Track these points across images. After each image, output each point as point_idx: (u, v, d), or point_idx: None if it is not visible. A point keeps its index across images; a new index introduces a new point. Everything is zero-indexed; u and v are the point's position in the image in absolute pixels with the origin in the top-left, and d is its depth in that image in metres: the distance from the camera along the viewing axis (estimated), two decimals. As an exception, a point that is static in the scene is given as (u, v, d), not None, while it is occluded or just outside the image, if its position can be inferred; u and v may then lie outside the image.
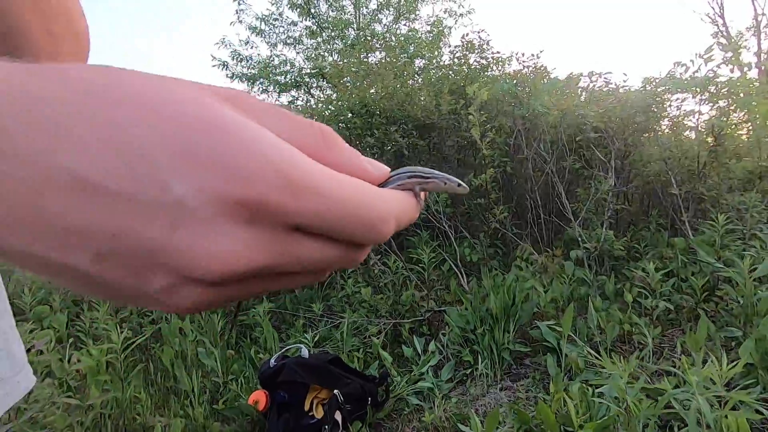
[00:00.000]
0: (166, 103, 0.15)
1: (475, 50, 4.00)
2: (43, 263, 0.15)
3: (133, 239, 0.15)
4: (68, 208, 0.14)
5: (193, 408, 1.70)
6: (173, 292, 0.16)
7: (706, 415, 1.02)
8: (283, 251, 0.17)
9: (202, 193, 0.15)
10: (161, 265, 0.15)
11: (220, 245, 0.15)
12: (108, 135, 0.14)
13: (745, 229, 2.60)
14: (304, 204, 0.16)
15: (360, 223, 0.18)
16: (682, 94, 3.16)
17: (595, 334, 1.98)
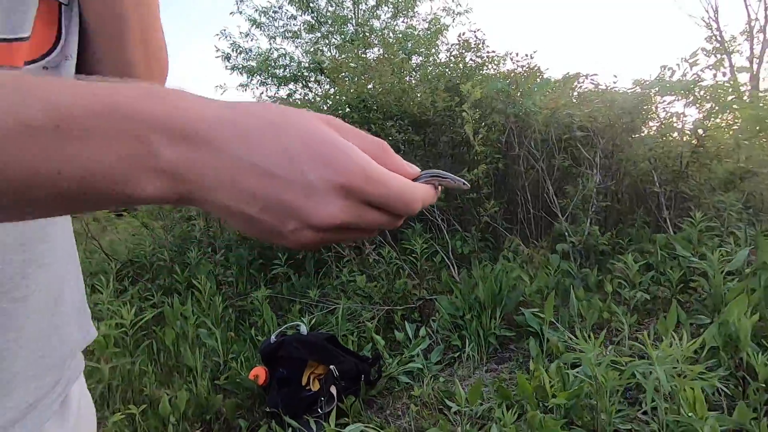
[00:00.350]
0: (302, 127, 0.28)
1: (471, 49, 4.10)
2: (230, 210, 0.27)
3: (284, 200, 0.27)
4: (253, 182, 0.26)
5: (195, 383, 1.80)
6: (298, 232, 0.28)
7: (663, 385, 1.14)
8: (358, 215, 0.28)
9: (322, 179, 0.27)
10: (295, 216, 0.27)
11: (328, 208, 0.27)
12: (276, 145, 0.27)
13: (722, 227, 2.74)
14: (373, 190, 0.28)
15: (402, 203, 0.29)
16: (670, 96, 3.29)
17: (576, 321, 2.10)
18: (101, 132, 0.23)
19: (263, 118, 0.27)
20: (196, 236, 3.88)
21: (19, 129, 0.22)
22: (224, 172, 0.26)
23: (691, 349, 1.24)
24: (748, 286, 1.84)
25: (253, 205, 0.27)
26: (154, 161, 0.25)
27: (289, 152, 0.27)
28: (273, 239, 0.29)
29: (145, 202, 0.26)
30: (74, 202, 0.25)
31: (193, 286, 2.79)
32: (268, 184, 0.26)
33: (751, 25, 9.94)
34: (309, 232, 0.28)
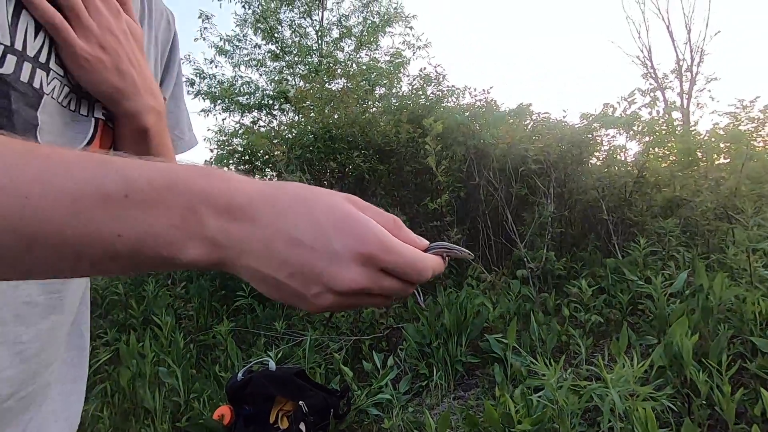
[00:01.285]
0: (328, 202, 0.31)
1: (432, 82, 4.31)
2: (261, 275, 0.30)
3: (310, 267, 0.30)
4: (284, 250, 0.30)
5: (155, 426, 1.71)
6: (320, 296, 0.31)
7: (617, 406, 1.22)
8: (375, 281, 0.32)
9: (346, 248, 0.30)
10: (319, 282, 0.30)
11: (350, 274, 0.30)
12: (306, 217, 0.30)
13: (664, 251, 2.97)
14: (390, 259, 0.31)
15: (415, 270, 0.33)
16: (613, 129, 3.58)
17: (537, 345, 2.19)
18: (160, 202, 0.27)
19: (296, 194, 0.31)
20: (153, 268, 3.72)
21: (97, 196, 0.26)
22: (259, 239, 0.29)
23: (641, 370, 1.34)
24: (688, 307, 2.00)
25: (283, 270, 0.30)
26: (200, 229, 0.28)
27: (317, 224, 0.30)
28: (296, 302, 0.32)
29: (184, 266, 0.29)
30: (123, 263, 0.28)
31: (151, 321, 2.67)
32: (298, 250, 0.30)
33: (680, 65, 11.02)
34: (330, 295, 0.31)
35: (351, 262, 0.30)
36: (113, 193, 0.26)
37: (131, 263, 0.28)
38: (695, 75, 11.25)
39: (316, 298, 0.31)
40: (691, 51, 11.15)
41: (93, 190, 0.25)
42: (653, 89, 3.60)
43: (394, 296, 0.35)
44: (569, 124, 3.55)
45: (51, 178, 0.25)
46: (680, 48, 11.26)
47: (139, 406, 1.98)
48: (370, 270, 0.31)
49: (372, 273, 0.31)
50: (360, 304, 0.34)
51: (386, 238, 0.32)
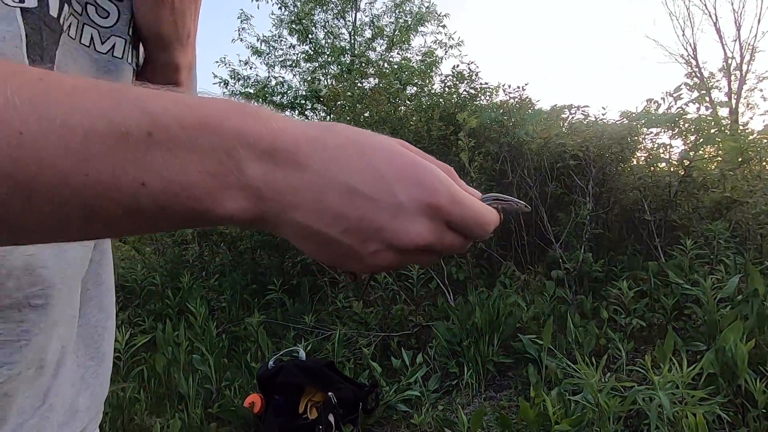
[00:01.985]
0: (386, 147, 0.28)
1: (465, 80, 4.24)
2: (311, 232, 0.26)
3: (370, 221, 0.26)
4: (338, 201, 0.25)
5: (188, 411, 1.75)
6: (378, 254, 0.27)
7: (666, 410, 1.14)
8: (440, 237, 0.28)
9: (412, 200, 0.26)
10: (379, 237, 0.26)
11: (415, 229, 0.26)
12: (363, 163, 0.26)
13: (711, 254, 2.79)
14: (457, 211, 0.28)
15: (479, 227, 0.29)
16: (656, 128, 3.42)
17: (573, 347, 2.10)
18: (191, 144, 0.22)
19: (348, 137, 0.27)
20: (189, 260, 3.84)
21: (112, 133, 0.21)
22: (309, 190, 0.25)
23: (690, 375, 1.25)
24: (741, 312, 1.86)
25: (336, 225, 0.26)
26: (239, 177, 0.24)
27: (378, 170, 0.26)
28: (347, 263, 0.28)
29: (222, 221, 0.25)
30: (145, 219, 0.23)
31: (185, 311, 2.75)
32: (355, 203, 0.26)
33: (728, 62, 10.43)
34: (390, 254, 0.27)
35: (418, 215, 0.26)
36: (133, 129, 0.21)
37: (155, 220, 0.23)
38: (745, 74, 10.64)
39: (374, 256, 0.27)
40: (740, 48, 10.55)
41: (107, 126, 0.20)
42: (699, 85, 3.41)
43: (454, 253, 0.31)
44: (609, 121, 3.41)
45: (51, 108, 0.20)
46: (729, 45, 10.67)
47: (173, 392, 2.03)
48: (437, 223, 0.27)
49: (438, 226, 0.28)
50: (417, 261, 0.31)
51: (455, 188, 0.28)
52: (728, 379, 1.59)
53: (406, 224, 0.26)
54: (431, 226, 0.27)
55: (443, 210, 0.27)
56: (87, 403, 0.44)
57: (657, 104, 3.32)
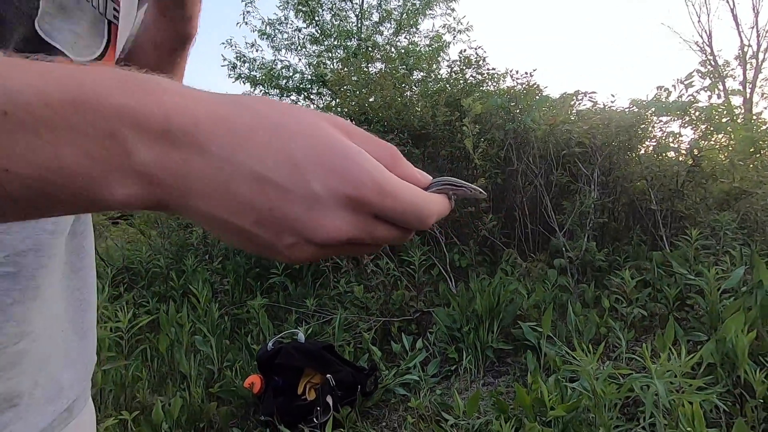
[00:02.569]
0: (308, 130, 0.24)
1: (472, 65, 4.17)
2: (220, 223, 0.24)
3: (282, 213, 0.24)
4: (246, 190, 0.23)
5: (189, 390, 1.78)
6: (295, 247, 0.25)
7: (663, 398, 1.14)
8: (366, 230, 0.25)
9: (330, 190, 0.24)
10: (294, 231, 0.24)
11: (333, 223, 0.24)
12: (276, 148, 0.23)
13: (717, 245, 2.76)
14: (386, 203, 0.25)
15: (415, 218, 0.27)
16: (666, 116, 3.35)
17: (573, 335, 2.10)
18: (62, 125, 0.20)
19: (261, 116, 0.24)
20: (193, 243, 3.87)
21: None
22: (213, 177, 0.22)
23: (689, 364, 1.24)
24: (745, 303, 1.84)
25: (246, 216, 0.23)
26: (126, 161, 0.21)
27: (292, 157, 0.23)
28: (266, 254, 0.26)
29: (115, 207, 0.22)
30: (26, 207, 0.21)
31: (189, 293, 2.77)
32: (265, 192, 0.23)
33: (744, 50, 10.17)
34: (309, 247, 0.25)
35: (337, 208, 0.24)
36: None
37: (40, 206, 0.21)
38: (761, 62, 10.38)
39: (292, 249, 0.25)
40: (758, 36, 10.28)
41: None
42: (712, 73, 3.32)
43: (389, 244, 0.29)
44: (617, 109, 3.35)
45: None
46: (745, 33, 10.40)
47: (175, 371, 2.06)
48: (361, 216, 0.25)
49: (363, 220, 0.25)
50: (345, 253, 0.28)
51: (383, 178, 0.25)
52: (728, 369, 1.58)
53: (322, 218, 0.24)
54: (353, 219, 0.25)
55: (368, 203, 0.24)
56: (72, 380, 0.44)
57: (668, 92, 3.25)
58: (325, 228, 0.24)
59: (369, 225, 0.25)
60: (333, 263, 3.24)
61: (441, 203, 0.29)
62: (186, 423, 1.66)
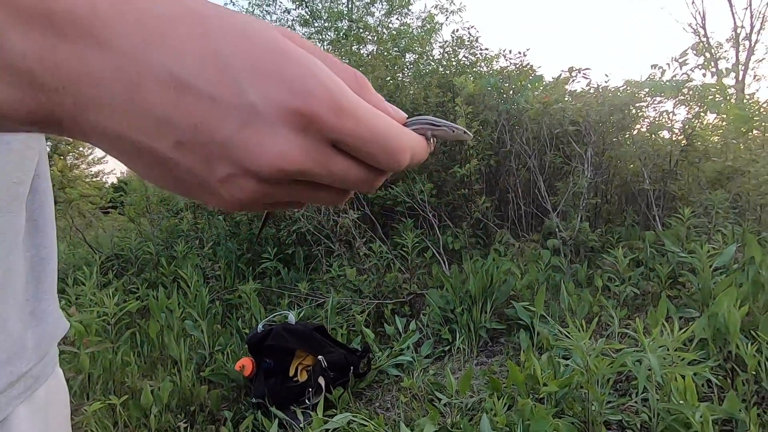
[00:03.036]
0: (247, 28, 0.19)
1: (465, 46, 4.11)
2: (132, 146, 0.19)
3: (210, 131, 0.18)
4: (161, 100, 0.18)
5: (180, 374, 1.76)
6: (232, 182, 0.19)
7: (655, 372, 1.13)
8: (321, 161, 0.20)
9: (270, 101, 0.18)
10: (228, 156, 0.19)
11: (277, 145, 0.19)
12: (201, 45, 0.18)
13: (710, 224, 2.77)
14: (345, 124, 0.20)
15: (383, 150, 0.21)
16: (660, 96, 3.32)
17: (566, 314, 2.10)
18: None
19: (190, 8, 0.18)
20: (183, 230, 3.82)
21: None
22: (116, 80, 0.17)
23: (681, 338, 1.24)
24: (736, 280, 1.85)
25: (163, 136, 0.18)
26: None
27: (221, 57, 0.18)
28: (197, 194, 0.21)
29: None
30: None
31: (179, 279, 2.74)
32: (185, 102, 0.18)
33: (737, 32, 10.13)
34: (248, 181, 0.19)
35: (280, 126, 0.19)
36: None
37: None
38: (754, 44, 10.35)
39: (228, 185, 0.19)
40: (751, 17, 10.23)
41: None
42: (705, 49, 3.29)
43: (354, 189, 0.23)
44: (611, 88, 3.31)
45: None
46: (739, 14, 10.35)
47: (166, 356, 2.04)
48: (313, 140, 0.19)
49: (316, 146, 0.20)
50: (299, 200, 0.23)
51: (344, 94, 0.20)
52: (719, 344, 1.59)
53: (261, 138, 0.18)
54: (303, 143, 0.19)
55: (321, 121, 0.19)
56: (34, 342, 0.41)
57: (662, 71, 3.22)
58: (267, 151, 0.19)
59: (325, 155, 0.20)
60: (326, 247, 3.22)
61: (417, 141, 0.24)
62: (176, 407, 1.64)
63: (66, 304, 2.32)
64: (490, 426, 1.23)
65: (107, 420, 1.50)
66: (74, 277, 2.71)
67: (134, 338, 2.15)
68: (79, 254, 4.06)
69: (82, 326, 1.63)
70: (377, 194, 3.57)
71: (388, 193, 3.51)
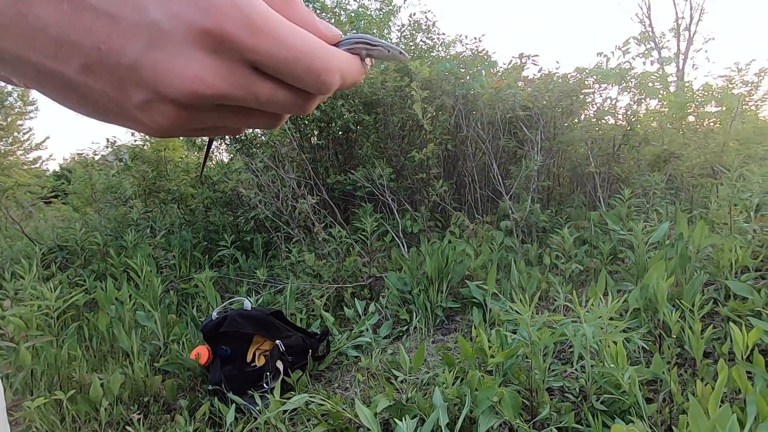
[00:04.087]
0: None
1: (422, 30, 4.12)
2: (35, 69, 0.18)
3: (114, 54, 0.17)
4: (56, 18, 0.17)
5: (132, 366, 1.71)
6: (150, 108, 0.19)
7: (589, 340, 1.22)
8: (241, 84, 0.19)
9: (175, 20, 0.17)
10: (139, 81, 0.18)
11: (189, 68, 0.18)
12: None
13: (648, 204, 2.97)
14: (261, 43, 0.19)
15: (307, 70, 0.20)
16: (605, 83, 3.49)
17: (516, 291, 2.21)
18: None
19: None
20: (133, 218, 3.66)
21: None
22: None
23: (614, 308, 1.34)
24: (667, 255, 2.01)
25: (66, 59, 0.17)
26: None
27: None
28: (119, 121, 0.20)
29: None
30: None
31: (130, 270, 2.64)
32: (84, 21, 0.17)
33: (678, 23, 10.73)
34: (167, 107, 0.19)
35: (190, 47, 0.18)
36: None
37: None
38: (693, 34, 11.00)
39: (144, 110, 0.19)
40: (690, 9, 10.84)
41: None
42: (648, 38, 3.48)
43: (284, 112, 0.22)
44: (560, 74, 3.45)
45: None
46: (680, 6, 10.94)
47: (117, 349, 1.97)
48: (230, 62, 0.19)
49: (233, 68, 0.19)
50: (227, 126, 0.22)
51: (252, 8, 0.18)
52: (650, 313, 1.73)
53: (172, 59, 0.18)
54: (218, 65, 0.18)
55: (233, 41, 0.18)
56: None
57: (607, 58, 3.38)
58: (179, 75, 0.18)
59: (245, 78, 0.19)
60: (285, 233, 3.19)
61: (348, 60, 0.23)
62: (129, 399, 1.60)
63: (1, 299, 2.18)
64: (441, 398, 1.29)
65: (53, 416, 1.44)
66: (12, 271, 2.54)
67: (81, 332, 2.06)
68: (17, 247, 3.80)
69: (21, 321, 1.55)
70: (336, 179, 3.56)
71: (348, 178, 3.51)
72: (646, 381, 1.42)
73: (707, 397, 1.11)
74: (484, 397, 1.14)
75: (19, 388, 1.59)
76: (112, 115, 0.20)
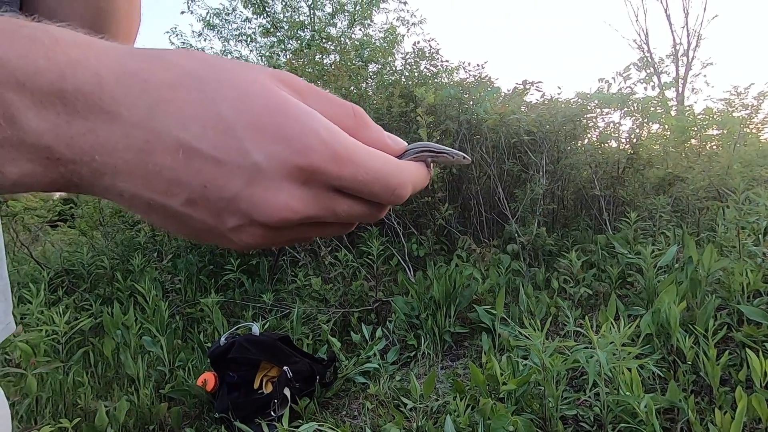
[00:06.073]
0: (243, 85, 0.20)
1: (426, 57, 4.22)
2: (147, 204, 0.21)
3: (218, 190, 0.20)
4: (170, 163, 0.19)
5: (138, 393, 1.69)
6: (242, 231, 0.21)
7: (604, 367, 1.20)
8: (325, 206, 0.22)
9: (273, 160, 0.20)
10: (236, 210, 0.21)
11: (282, 199, 0.20)
12: (205, 110, 0.20)
13: (654, 227, 2.97)
14: (344, 171, 0.21)
15: (384, 188, 0.23)
16: (607, 107, 3.54)
17: (525, 316, 2.19)
18: None
19: (185, 71, 0.20)
20: (140, 242, 3.67)
21: None
22: (127, 148, 0.19)
23: (627, 334, 1.33)
24: (677, 278, 1.99)
25: (174, 195, 0.20)
26: (12, 132, 0.17)
27: (223, 120, 0.20)
28: (209, 240, 0.23)
29: (11, 189, 0.18)
30: None
31: (136, 294, 2.63)
32: (193, 165, 0.19)
33: (676, 48, 10.94)
34: (257, 229, 0.21)
35: (284, 181, 0.20)
36: None
37: None
38: (691, 60, 11.18)
39: (238, 233, 0.21)
40: (688, 35, 11.06)
41: None
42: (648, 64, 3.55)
43: (358, 222, 0.25)
44: (563, 99, 3.51)
45: None
46: (677, 32, 11.18)
47: (122, 375, 1.95)
48: (316, 190, 0.21)
49: (320, 195, 0.22)
50: (309, 236, 0.24)
51: (337, 141, 0.21)
52: (663, 338, 1.71)
53: (267, 193, 0.20)
54: (306, 194, 0.21)
55: (321, 172, 0.21)
56: None
57: (608, 84, 3.44)
58: (272, 205, 0.20)
59: (328, 200, 0.22)
60: (291, 257, 3.19)
61: (416, 171, 0.25)
62: (134, 427, 1.57)
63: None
64: (453, 427, 1.26)
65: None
66: (19, 296, 2.55)
67: (87, 358, 2.04)
68: (24, 271, 3.81)
69: (29, 346, 1.54)
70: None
71: (353, 202, 3.53)
72: (663, 409, 1.38)
73: (727, 427, 1.08)
74: (498, 426, 1.12)
75: (24, 416, 1.57)
76: (204, 235, 0.22)
